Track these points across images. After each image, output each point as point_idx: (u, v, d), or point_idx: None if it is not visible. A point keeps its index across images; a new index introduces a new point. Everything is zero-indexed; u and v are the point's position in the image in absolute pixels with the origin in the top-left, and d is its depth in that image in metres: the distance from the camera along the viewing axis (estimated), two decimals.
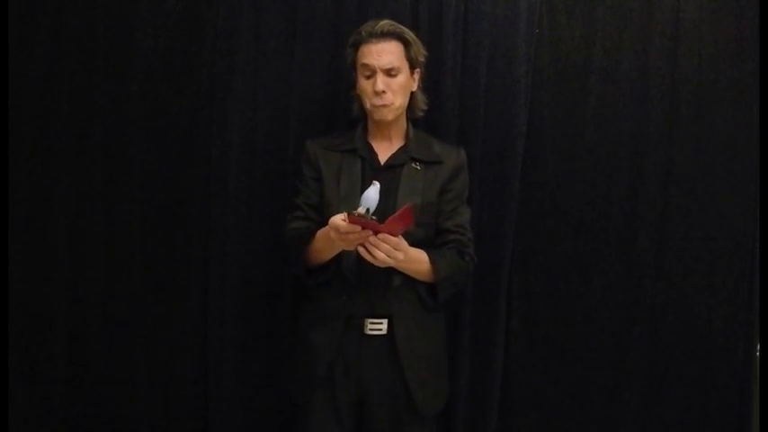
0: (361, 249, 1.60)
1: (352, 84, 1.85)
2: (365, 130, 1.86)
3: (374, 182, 1.58)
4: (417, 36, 1.84)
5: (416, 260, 1.73)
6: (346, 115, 1.98)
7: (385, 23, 1.77)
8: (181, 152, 2.07)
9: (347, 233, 1.57)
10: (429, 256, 1.75)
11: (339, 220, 1.57)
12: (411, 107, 1.86)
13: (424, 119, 1.92)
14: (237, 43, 2.03)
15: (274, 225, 1.97)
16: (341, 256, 1.73)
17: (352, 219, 1.54)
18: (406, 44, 1.79)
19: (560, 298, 2.14)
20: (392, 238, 1.59)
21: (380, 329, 1.75)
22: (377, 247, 1.59)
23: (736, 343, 2.16)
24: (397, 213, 1.57)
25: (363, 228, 1.55)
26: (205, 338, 2.08)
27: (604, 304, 2.14)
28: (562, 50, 2.11)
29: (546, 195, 2.13)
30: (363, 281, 1.75)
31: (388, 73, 1.75)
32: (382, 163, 1.82)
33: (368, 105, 1.79)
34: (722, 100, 2.13)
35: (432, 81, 1.99)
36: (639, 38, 2.10)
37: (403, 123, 1.86)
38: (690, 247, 2.14)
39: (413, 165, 1.80)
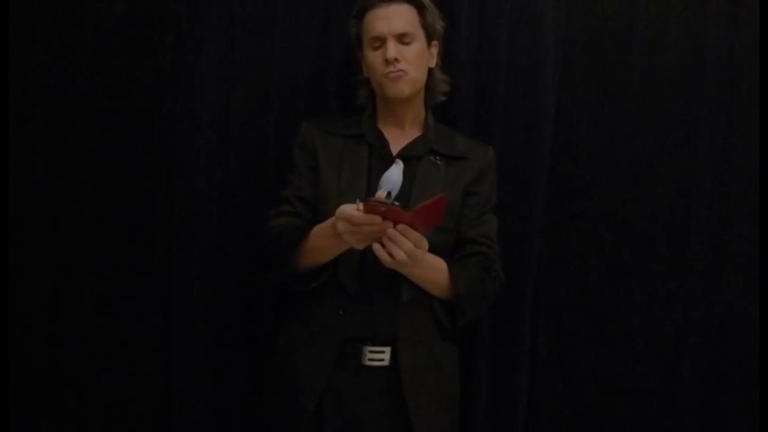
0: (376, 247, 1.39)
1: (357, 66, 1.68)
2: (374, 113, 1.69)
3: (397, 160, 1.43)
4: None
5: (433, 267, 1.54)
6: (337, 95, 1.81)
7: None
8: (139, 140, 1.87)
9: (361, 225, 1.37)
10: (448, 265, 1.56)
11: (350, 209, 1.38)
12: (429, 89, 1.68)
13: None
14: (207, 8, 1.82)
15: (250, 227, 1.79)
16: (338, 260, 1.55)
17: (369, 207, 1.36)
18: (420, 9, 1.62)
19: (596, 315, 1.93)
20: (414, 232, 1.39)
21: (382, 360, 1.55)
22: (397, 243, 1.38)
23: None
24: (427, 202, 1.38)
25: (383, 218, 1.36)
26: (169, 363, 1.86)
27: (650, 322, 1.92)
28: (598, 16, 1.90)
29: (579, 192, 1.93)
30: (365, 293, 1.56)
31: (401, 40, 1.57)
32: (394, 153, 1.62)
33: (378, 80, 1.60)
34: None
35: (442, 55, 1.76)
36: (693, 0, 1.87)
37: (420, 109, 1.68)
38: (752, 253, 1.90)
39: (432, 158, 1.62)
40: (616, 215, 1.92)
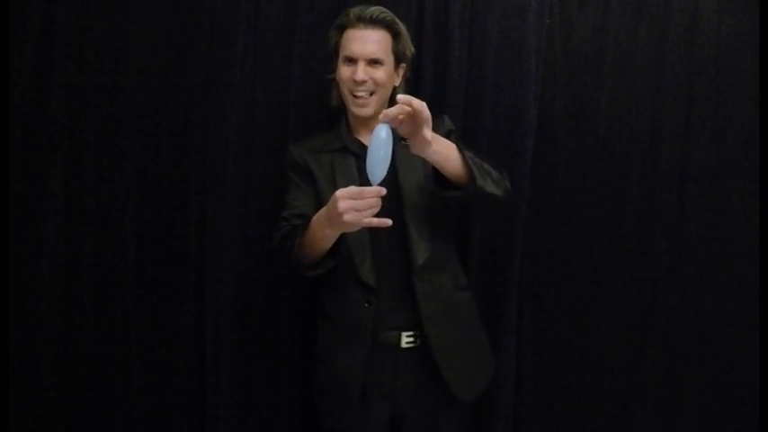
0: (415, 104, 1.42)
1: (332, 69, 1.74)
2: (348, 125, 1.75)
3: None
4: (420, 27, 1.73)
5: (446, 143, 1.57)
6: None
7: (376, 9, 1.67)
8: (176, 149, 1.99)
9: (364, 196, 1.40)
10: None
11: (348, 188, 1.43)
12: (392, 102, 1.66)
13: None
14: (235, 35, 1.94)
15: (272, 225, 1.83)
16: (353, 258, 1.62)
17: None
18: (395, 36, 1.68)
19: (572, 300, 2.06)
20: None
21: (415, 342, 1.66)
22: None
23: (754, 348, 2.06)
24: None
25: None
26: (201, 342, 2.00)
27: (618, 307, 2.07)
28: (574, 41, 2.02)
29: (557, 193, 2.05)
30: (383, 282, 1.63)
31: (371, 63, 1.65)
32: None
33: (346, 95, 1.69)
34: (741, 93, 2.04)
35: (437, 73, 1.93)
36: (655, 28, 2.01)
37: None
38: (707, 248, 2.06)
39: (402, 142, 1.59)
40: (588, 212, 2.04)
